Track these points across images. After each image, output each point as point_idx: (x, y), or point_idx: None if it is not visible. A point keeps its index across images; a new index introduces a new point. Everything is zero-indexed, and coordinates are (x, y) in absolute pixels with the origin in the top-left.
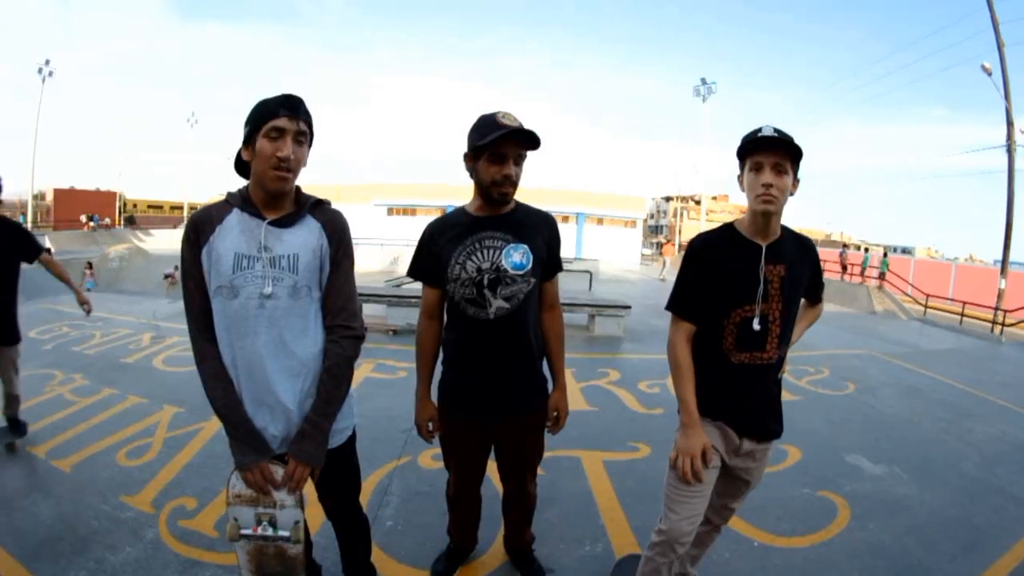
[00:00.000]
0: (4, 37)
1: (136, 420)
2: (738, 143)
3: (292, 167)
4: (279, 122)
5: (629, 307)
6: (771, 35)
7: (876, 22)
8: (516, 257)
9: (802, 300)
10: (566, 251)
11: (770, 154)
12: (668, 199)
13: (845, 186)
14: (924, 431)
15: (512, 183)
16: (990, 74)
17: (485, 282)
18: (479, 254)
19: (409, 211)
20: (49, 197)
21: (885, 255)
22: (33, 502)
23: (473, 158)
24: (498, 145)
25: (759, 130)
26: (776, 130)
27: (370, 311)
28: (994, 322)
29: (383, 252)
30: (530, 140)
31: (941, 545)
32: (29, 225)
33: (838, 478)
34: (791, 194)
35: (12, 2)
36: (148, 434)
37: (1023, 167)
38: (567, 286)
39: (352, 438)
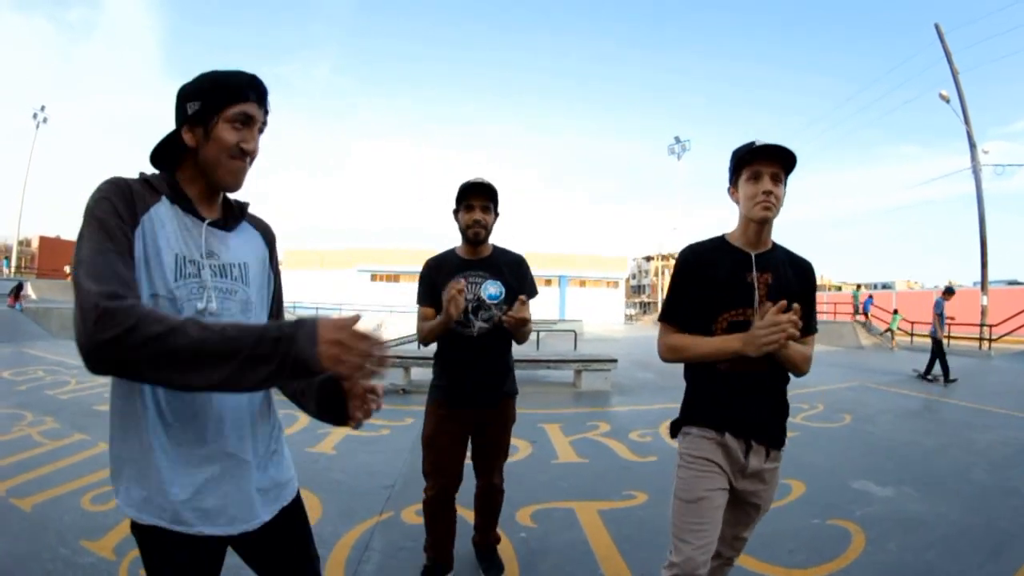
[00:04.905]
0: (2, 79)
1: (105, 466)
2: (730, 161)
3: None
4: (249, 108)
5: (615, 360)
6: (742, 87)
7: (840, 65)
8: (492, 290)
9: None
10: (550, 314)
11: (770, 163)
12: (649, 259)
13: (819, 231)
14: (928, 448)
15: (481, 226)
16: (948, 101)
17: (469, 308)
18: (466, 288)
19: (393, 277)
20: (35, 244)
21: (896, 312)
22: None
23: (456, 212)
24: (466, 199)
25: (753, 142)
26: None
27: None
28: (981, 339)
29: (366, 318)
30: (487, 191)
31: (965, 554)
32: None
33: (847, 504)
34: (781, 205)
35: (12, 45)
36: None
37: (990, 188)
38: (553, 347)
39: (300, 498)
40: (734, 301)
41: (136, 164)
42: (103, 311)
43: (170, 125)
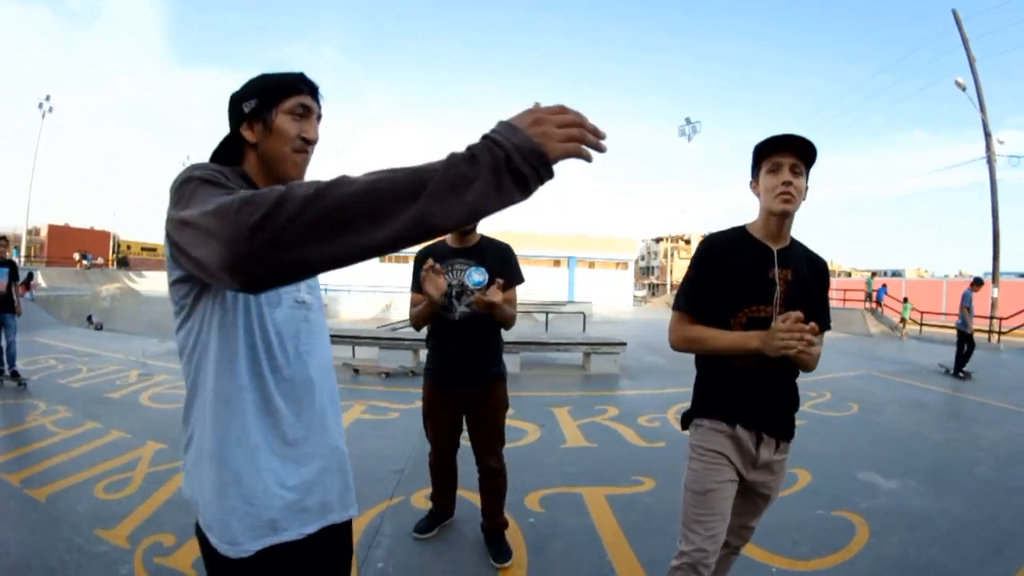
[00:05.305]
0: (5, 71)
1: (117, 454)
2: (751, 158)
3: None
4: (305, 99)
5: (624, 344)
6: (753, 69)
7: (854, 49)
8: (476, 277)
9: None
10: (559, 295)
11: (789, 155)
12: (658, 240)
13: (829, 216)
14: (934, 442)
15: None
16: (964, 89)
17: (453, 294)
18: (450, 274)
19: (402, 259)
20: (43, 233)
21: (906, 300)
22: (2, 531)
23: None
24: None
25: (774, 135)
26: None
27: (362, 354)
28: (990, 331)
29: (375, 299)
30: None
31: (968, 551)
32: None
33: (852, 496)
34: (803, 199)
35: (15, 37)
36: (129, 468)
37: (1004, 178)
38: (562, 329)
39: None
40: (755, 296)
41: (143, 151)
42: (242, 201)
43: (176, 111)
